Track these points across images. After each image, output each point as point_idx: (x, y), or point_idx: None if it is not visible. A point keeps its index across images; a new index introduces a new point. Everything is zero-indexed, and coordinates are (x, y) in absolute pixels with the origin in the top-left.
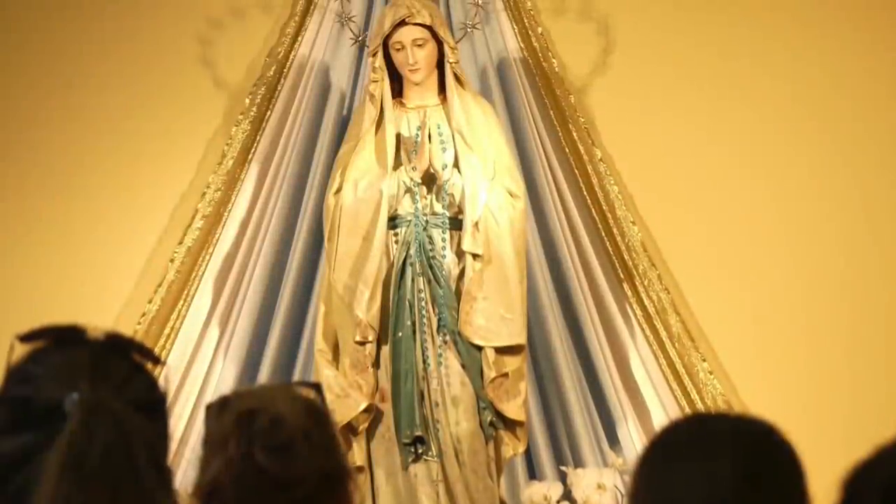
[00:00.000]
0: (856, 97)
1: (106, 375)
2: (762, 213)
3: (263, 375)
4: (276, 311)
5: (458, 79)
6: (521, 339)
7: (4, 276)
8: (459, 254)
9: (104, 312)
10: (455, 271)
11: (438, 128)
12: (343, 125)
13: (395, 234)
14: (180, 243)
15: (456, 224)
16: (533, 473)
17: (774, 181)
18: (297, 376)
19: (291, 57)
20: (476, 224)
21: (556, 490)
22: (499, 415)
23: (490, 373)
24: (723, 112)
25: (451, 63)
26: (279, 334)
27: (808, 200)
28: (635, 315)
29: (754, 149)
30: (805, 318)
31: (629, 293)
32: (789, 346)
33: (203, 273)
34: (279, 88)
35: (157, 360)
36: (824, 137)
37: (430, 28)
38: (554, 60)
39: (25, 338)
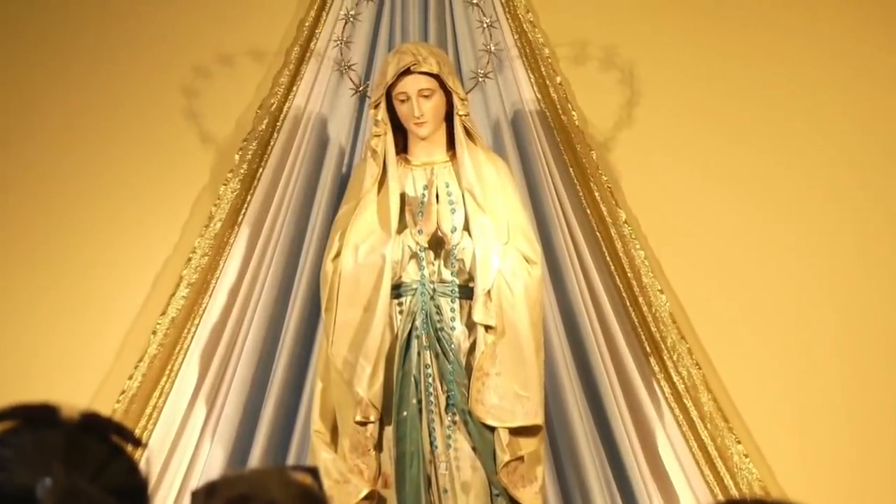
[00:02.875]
0: None
1: (81, 459)
2: (802, 283)
3: (255, 458)
4: (268, 388)
5: (468, 133)
6: (537, 418)
7: None
8: (470, 325)
9: (80, 390)
10: (465, 344)
11: (447, 187)
12: (342, 183)
13: (400, 304)
14: (163, 314)
15: (466, 293)
16: None
17: (816, 247)
18: (291, 460)
19: (285, 109)
20: (488, 293)
21: None
22: (513, 502)
23: (504, 456)
24: (761, 171)
25: (460, 115)
26: (272, 413)
27: (852, 269)
28: (663, 392)
29: (794, 211)
30: (848, 397)
31: (656, 368)
32: (831, 427)
33: (188, 346)
34: (272, 143)
35: (137, 442)
36: (869, 197)
37: (437, 77)
38: (574, 113)
39: None
